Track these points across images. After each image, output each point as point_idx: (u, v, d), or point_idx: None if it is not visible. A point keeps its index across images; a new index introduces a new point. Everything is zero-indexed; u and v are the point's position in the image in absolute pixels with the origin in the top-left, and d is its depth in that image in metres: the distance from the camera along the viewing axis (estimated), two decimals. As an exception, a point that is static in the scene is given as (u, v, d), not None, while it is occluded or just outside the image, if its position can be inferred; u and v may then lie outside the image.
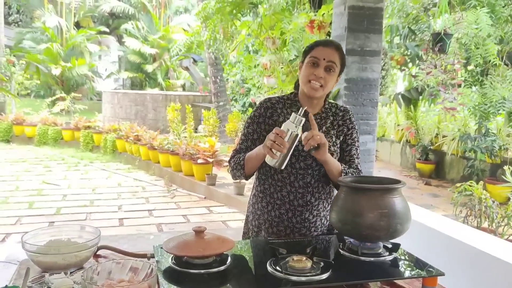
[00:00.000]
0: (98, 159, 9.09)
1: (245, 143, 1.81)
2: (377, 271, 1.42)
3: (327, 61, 1.69)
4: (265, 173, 1.81)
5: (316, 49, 1.72)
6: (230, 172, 1.84)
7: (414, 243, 1.84)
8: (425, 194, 6.89)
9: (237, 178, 1.83)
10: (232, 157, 1.83)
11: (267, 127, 1.77)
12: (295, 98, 1.83)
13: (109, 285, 1.18)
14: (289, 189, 1.76)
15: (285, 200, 1.77)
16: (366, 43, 3.75)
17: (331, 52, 1.71)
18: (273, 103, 1.81)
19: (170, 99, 11.66)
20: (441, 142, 7.95)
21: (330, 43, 1.74)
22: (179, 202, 6.20)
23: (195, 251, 1.34)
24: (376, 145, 4.00)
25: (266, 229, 1.80)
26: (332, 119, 1.83)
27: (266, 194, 1.81)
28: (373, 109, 3.88)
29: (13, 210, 5.56)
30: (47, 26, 17.57)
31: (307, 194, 1.76)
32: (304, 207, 1.76)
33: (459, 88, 5.01)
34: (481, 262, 2.20)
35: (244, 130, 1.84)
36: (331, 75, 1.70)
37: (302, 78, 1.73)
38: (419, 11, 7.14)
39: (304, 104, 1.78)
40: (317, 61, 1.69)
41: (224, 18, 6.25)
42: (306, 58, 1.74)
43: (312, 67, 1.70)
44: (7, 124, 10.86)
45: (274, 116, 1.78)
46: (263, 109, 1.80)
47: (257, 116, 1.80)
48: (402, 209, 1.45)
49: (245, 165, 1.75)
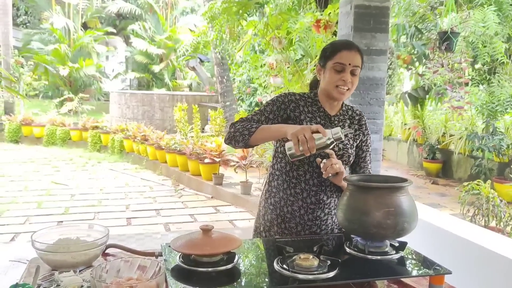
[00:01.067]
0: (106, 159, 9.14)
1: (258, 117, 1.78)
2: (384, 269, 1.42)
3: (353, 66, 1.72)
4: (280, 169, 1.82)
5: (340, 54, 1.73)
6: (230, 134, 1.73)
7: (421, 242, 1.84)
8: (432, 193, 6.87)
9: (234, 143, 1.73)
10: (239, 121, 1.76)
11: (285, 116, 1.78)
12: (315, 97, 1.85)
13: (118, 283, 1.20)
14: (303, 186, 1.78)
15: (298, 197, 1.78)
16: (373, 42, 3.75)
17: (355, 55, 1.74)
18: (296, 99, 1.82)
19: (177, 99, 11.69)
20: (448, 141, 7.91)
21: (352, 46, 1.76)
22: (186, 202, 6.22)
23: (203, 250, 1.35)
24: (382, 144, 3.99)
25: (279, 225, 1.82)
26: (349, 122, 1.86)
27: (279, 189, 1.83)
28: (380, 108, 3.87)
29: (22, 209, 5.61)
30: (55, 27, 17.66)
31: (320, 193, 1.78)
32: (317, 205, 1.78)
33: (466, 86, 4.99)
34: (489, 261, 2.19)
35: (261, 108, 1.82)
36: (356, 78, 1.75)
37: (329, 83, 1.75)
38: (426, 10, 7.10)
39: (324, 104, 1.83)
40: (343, 67, 1.72)
41: (231, 18, 6.25)
42: (329, 62, 1.75)
43: (338, 73, 1.73)
44: (16, 124, 10.95)
45: (296, 111, 1.79)
46: (288, 100, 1.80)
47: (281, 102, 1.80)
48: (409, 207, 1.45)
49: (255, 133, 1.67)
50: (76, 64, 16.83)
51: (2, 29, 12.40)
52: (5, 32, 12.38)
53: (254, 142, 1.70)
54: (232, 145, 1.75)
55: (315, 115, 1.80)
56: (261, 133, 1.68)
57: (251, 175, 6.58)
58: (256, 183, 6.54)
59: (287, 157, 1.73)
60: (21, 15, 21.43)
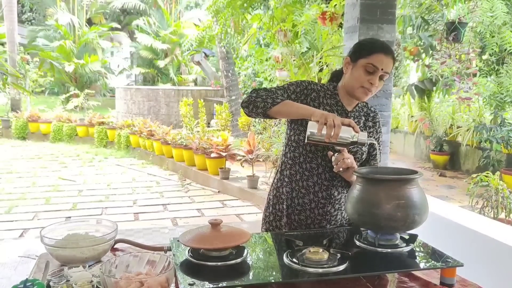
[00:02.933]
0: (112, 155, 9.17)
1: (281, 91, 1.74)
2: (394, 262, 1.41)
3: (384, 71, 1.69)
4: (293, 159, 1.80)
5: (376, 56, 1.68)
6: (251, 98, 1.69)
7: (431, 234, 1.83)
8: (440, 185, 6.83)
9: (252, 108, 1.69)
10: (262, 89, 1.72)
11: (304, 102, 1.75)
12: (334, 90, 1.82)
13: (127, 278, 1.19)
14: (315, 180, 1.77)
15: (310, 190, 1.78)
16: (379, 34, 3.71)
17: (389, 62, 1.70)
18: (318, 89, 1.80)
19: (183, 94, 11.70)
20: (456, 132, 7.86)
21: (390, 52, 1.72)
22: (193, 196, 6.23)
23: (212, 244, 1.34)
24: (390, 137, 3.96)
25: (289, 215, 1.81)
26: (364, 119, 1.85)
27: (292, 180, 1.81)
28: (387, 100, 3.84)
29: (30, 206, 5.64)
30: (60, 24, 17.70)
31: (331, 188, 1.77)
32: (327, 200, 1.77)
33: (474, 77, 4.94)
34: (500, 253, 2.17)
35: (284, 85, 1.79)
36: (382, 83, 1.73)
37: (355, 81, 1.71)
38: (432, 1, 7.03)
39: (342, 98, 1.80)
40: (375, 69, 1.68)
41: (235, 12, 6.23)
42: (362, 60, 1.70)
43: (368, 74, 1.69)
44: (22, 121, 11.00)
45: (316, 101, 1.77)
46: (310, 88, 1.78)
47: (304, 87, 1.77)
48: (419, 199, 1.44)
49: (279, 104, 1.64)
50: (82, 60, 16.88)
51: (8, 26, 12.44)
52: (11, 29, 12.41)
53: (274, 114, 1.66)
54: (248, 110, 1.71)
55: (333, 108, 1.78)
56: (286, 107, 1.65)
57: (258, 169, 6.57)
58: (263, 177, 6.53)
59: (300, 148, 1.75)
60: (26, 12, 21.49)
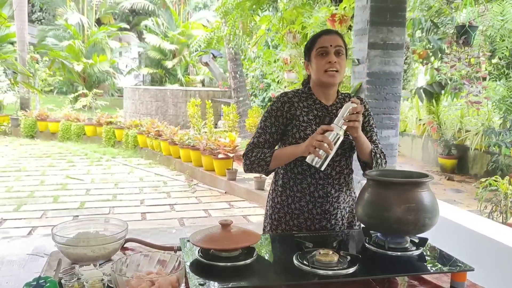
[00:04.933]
0: (120, 154, 9.21)
1: (263, 136, 1.80)
2: (404, 265, 1.40)
3: (335, 46, 1.72)
4: (285, 167, 1.82)
5: (319, 40, 1.75)
6: (247, 166, 1.80)
7: (441, 238, 1.82)
8: (447, 189, 6.79)
9: (255, 172, 1.81)
10: (250, 151, 1.79)
11: (285, 121, 1.78)
12: (309, 91, 1.84)
13: (138, 276, 1.20)
14: (309, 181, 1.77)
15: (305, 192, 1.78)
16: (389, 37, 3.71)
17: (335, 38, 1.75)
18: (289, 98, 1.81)
19: (190, 95, 11.73)
20: (464, 136, 7.81)
21: (331, 31, 1.80)
22: (200, 197, 6.24)
23: (222, 244, 1.35)
24: (398, 140, 3.95)
25: (287, 222, 1.81)
26: None
27: (285, 188, 1.82)
28: (396, 103, 3.84)
29: (39, 204, 5.68)
30: (69, 24, 17.83)
31: (327, 186, 1.77)
32: (325, 198, 1.77)
33: (484, 81, 4.91)
34: (510, 258, 2.16)
35: (261, 124, 1.83)
36: (342, 59, 1.74)
37: (317, 70, 1.75)
38: (442, 4, 7.00)
39: (319, 96, 1.82)
40: (325, 49, 1.72)
41: (244, 13, 6.25)
42: (312, 52, 1.77)
43: (322, 57, 1.73)
44: (31, 120, 11.08)
45: (291, 110, 1.78)
46: (281, 103, 1.79)
47: (275, 110, 1.79)
48: (430, 203, 1.43)
49: (271, 162, 1.74)
50: (90, 60, 16.99)
51: (18, 25, 12.54)
52: (21, 28, 12.51)
53: (274, 167, 1.77)
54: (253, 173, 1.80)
55: (311, 108, 1.79)
56: (277, 160, 1.74)
57: (265, 171, 6.56)
58: (270, 178, 6.53)
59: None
60: (36, 11, 21.65)
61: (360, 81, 3.80)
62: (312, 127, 1.75)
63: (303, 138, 1.72)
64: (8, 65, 13.06)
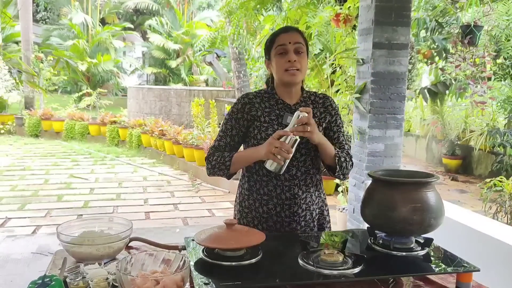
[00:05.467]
0: (124, 154, 9.23)
1: (224, 140, 1.77)
2: (409, 266, 1.40)
3: (294, 43, 1.69)
4: (249, 169, 1.79)
5: (278, 38, 1.72)
6: (209, 170, 1.78)
7: (446, 239, 1.81)
8: (452, 190, 6.78)
9: (218, 176, 1.78)
10: (211, 155, 1.77)
11: (245, 123, 1.76)
12: (272, 91, 1.80)
13: (143, 275, 1.20)
14: (275, 182, 1.73)
15: (272, 195, 1.74)
16: (394, 36, 3.70)
17: (294, 35, 1.71)
18: (250, 98, 1.77)
19: (194, 94, 11.73)
20: (469, 137, 7.78)
21: (289, 28, 1.76)
22: (203, 196, 6.25)
23: (227, 244, 1.35)
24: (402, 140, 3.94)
25: (255, 227, 1.76)
26: (312, 107, 1.79)
27: (252, 191, 1.79)
28: (401, 103, 3.82)
29: (43, 203, 5.69)
30: (74, 23, 17.87)
31: (293, 187, 1.73)
32: (292, 200, 1.73)
33: (488, 81, 4.89)
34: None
35: (222, 127, 1.80)
36: (302, 57, 1.71)
37: (277, 70, 1.71)
38: (447, 4, 6.98)
39: (282, 95, 1.78)
40: (284, 47, 1.69)
41: (248, 13, 6.23)
42: (272, 51, 1.74)
43: (282, 56, 1.70)
44: (36, 119, 11.11)
45: (252, 111, 1.75)
46: (241, 105, 1.76)
47: (235, 112, 1.77)
48: (435, 203, 1.43)
49: (231, 166, 1.71)
50: (94, 59, 17.02)
51: (23, 24, 12.58)
52: (26, 27, 12.55)
53: (234, 171, 1.75)
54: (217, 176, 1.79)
55: (273, 108, 1.76)
56: (238, 165, 1.73)
57: (268, 170, 6.56)
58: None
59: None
60: (40, 11, 21.71)
61: (365, 81, 3.79)
62: (274, 127, 1.72)
63: (265, 139, 1.68)
64: (13, 64, 13.10)
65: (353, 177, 4.07)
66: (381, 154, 3.82)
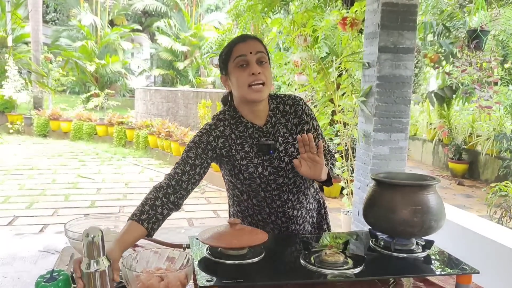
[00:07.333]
0: (131, 154, 9.29)
1: (182, 167, 1.52)
2: (410, 267, 1.42)
3: (255, 53, 1.47)
4: (231, 183, 1.68)
5: (236, 48, 1.49)
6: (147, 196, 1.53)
7: (447, 241, 1.83)
8: (457, 194, 6.76)
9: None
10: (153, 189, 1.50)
11: (214, 156, 1.57)
12: (236, 113, 1.58)
13: (148, 272, 1.23)
14: (268, 211, 1.65)
15: (267, 221, 1.67)
16: (400, 40, 3.72)
17: (254, 43, 1.50)
18: (221, 131, 1.56)
19: (201, 96, 11.77)
20: (475, 141, 7.76)
21: (247, 37, 1.53)
22: (209, 198, 6.28)
23: (230, 243, 1.37)
24: (407, 144, 3.95)
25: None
26: (284, 120, 1.60)
27: (246, 215, 1.70)
28: (406, 107, 3.84)
29: (50, 202, 5.75)
30: (83, 24, 18.02)
31: (283, 194, 1.62)
32: (289, 221, 1.67)
33: (495, 86, 4.89)
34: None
35: (183, 154, 1.56)
36: (266, 67, 1.49)
37: (239, 86, 1.48)
38: (454, 8, 6.98)
39: (248, 116, 1.57)
40: (244, 58, 1.47)
41: (255, 15, 6.28)
42: (230, 64, 1.51)
43: (243, 69, 1.47)
44: (44, 119, 11.22)
45: (226, 146, 1.56)
46: (212, 138, 1.55)
47: (205, 142, 1.54)
48: (436, 205, 1.45)
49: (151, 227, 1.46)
50: (103, 60, 17.14)
51: (33, 25, 12.70)
52: (36, 28, 12.68)
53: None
54: None
55: (244, 137, 1.56)
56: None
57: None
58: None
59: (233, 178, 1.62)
60: (50, 12, 21.91)
61: (370, 85, 3.81)
62: (253, 162, 1.56)
63: (249, 179, 1.57)
64: (23, 64, 13.28)
65: (358, 180, 4.08)
66: (386, 158, 3.84)
